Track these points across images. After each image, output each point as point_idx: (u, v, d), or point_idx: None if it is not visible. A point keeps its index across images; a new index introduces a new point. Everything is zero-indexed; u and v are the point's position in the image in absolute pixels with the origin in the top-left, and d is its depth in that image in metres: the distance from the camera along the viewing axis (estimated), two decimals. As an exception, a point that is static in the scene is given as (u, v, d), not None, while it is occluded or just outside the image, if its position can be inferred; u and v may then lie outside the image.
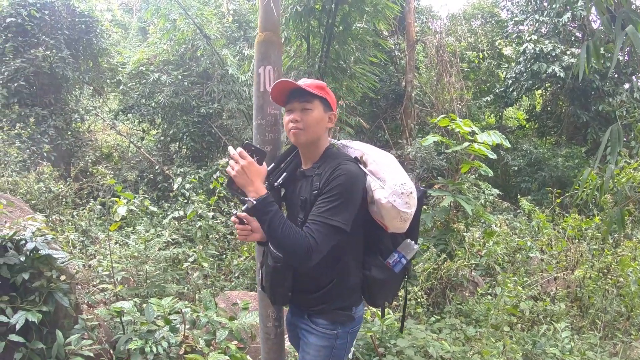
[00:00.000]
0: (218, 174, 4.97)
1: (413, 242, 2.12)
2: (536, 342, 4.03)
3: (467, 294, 5.24)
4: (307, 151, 2.11)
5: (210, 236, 5.14)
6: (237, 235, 2.12)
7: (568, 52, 11.69)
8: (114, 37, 14.15)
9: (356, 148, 2.15)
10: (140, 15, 15.78)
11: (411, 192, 1.94)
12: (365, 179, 2.01)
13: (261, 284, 2.16)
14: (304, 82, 2.05)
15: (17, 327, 3.07)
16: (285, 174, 2.15)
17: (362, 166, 2.04)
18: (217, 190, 4.81)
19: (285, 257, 1.91)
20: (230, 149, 1.89)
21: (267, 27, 2.29)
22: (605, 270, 5.18)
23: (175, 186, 4.75)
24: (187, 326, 3.57)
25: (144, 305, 3.70)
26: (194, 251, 4.52)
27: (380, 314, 2.50)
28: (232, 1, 11.76)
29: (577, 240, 6.07)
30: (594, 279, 5.11)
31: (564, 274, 5.46)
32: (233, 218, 2.08)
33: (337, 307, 2.04)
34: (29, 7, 9.40)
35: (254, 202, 1.82)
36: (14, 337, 3.07)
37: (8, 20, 9.17)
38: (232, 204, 6.92)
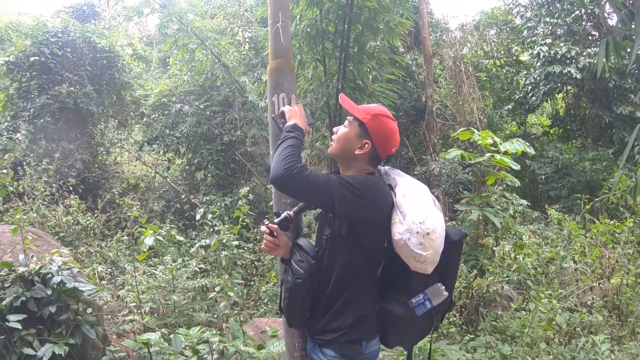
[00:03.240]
0: (241, 202, 4.97)
1: (444, 287, 1.98)
2: (575, 357, 3.85)
3: (499, 312, 5.06)
4: (342, 168, 2.12)
5: (239, 262, 5.12)
6: (263, 246, 2.08)
7: (584, 53, 11.47)
8: (136, 70, 14.50)
9: (392, 176, 2.11)
10: (161, 47, 16.17)
11: (428, 233, 1.82)
12: (391, 202, 1.96)
13: (280, 305, 2.11)
14: (367, 105, 2.09)
15: (45, 359, 3.10)
16: None
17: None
18: (240, 219, 4.80)
19: (273, 166, 1.91)
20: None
21: (278, 55, 2.29)
22: (643, 276, 4.96)
23: (198, 217, 4.76)
24: (215, 356, 3.53)
25: (172, 336, 3.69)
26: (220, 281, 4.50)
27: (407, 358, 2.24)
28: (247, 29, 11.98)
29: (610, 246, 5.85)
30: (631, 286, 4.89)
31: (599, 283, 5.24)
32: (263, 227, 2.05)
33: (346, 340, 1.95)
34: (51, 46, 9.70)
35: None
36: None
37: (32, 59, 9.46)
38: (257, 230, 6.91)
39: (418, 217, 1.85)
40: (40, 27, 10.20)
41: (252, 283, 6.09)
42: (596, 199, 7.28)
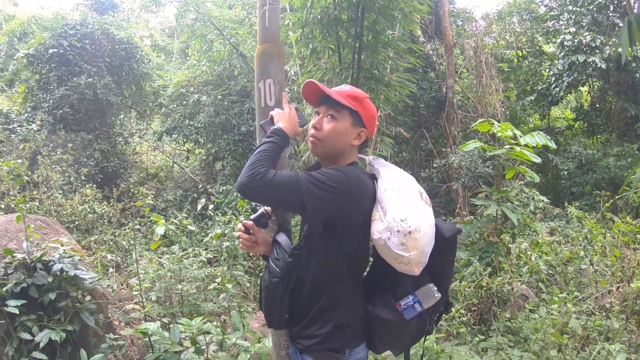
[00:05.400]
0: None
1: (436, 288, 1.80)
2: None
3: (507, 314, 4.87)
4: (326, 164, 1.90)
5: (241, 253, 5.04)
6: (240, 245, 1.96)
7: (610, 43, 11.05)
8: (157, 61, 14.61)
9: (376, 167, 1.91)
10: (181, 38, 16.29)
11: (410, 232, 1.63)
12: (373, 196, 1.79)
13: (260, 303, 2.00)
14: (340, 89, 1.88)
15: (41, 345, 3.15)
16: None
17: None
18: (244, 209, 4.74)
19: (240, 175, 1.74)
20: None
21: (265, 39, 2.17)
22: (664, 281, 4.69)
23: (199, 207, 4.71)
24: (215, 347, 3.47)
25: (171, 326, 3.65)
26: (220, 272, 4.44)
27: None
28: (266, 18, 11.86)
29: (633, 247, 5.58)
30: (652, 291, 4.64)
31: (618, 287, 5.00)
32: (239, 226, 1.93)
33: (326, 348, 1.80)
34: (70, 38, 9.87)
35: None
36: (37, 355, 3.16)
37: (51, 51, 9.64)
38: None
39: (399, 213, 1.66)
40: (59, 20, 10.38)
41: (260, 273, 6.02)
42: (616, 197, 7.00)
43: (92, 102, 10.01)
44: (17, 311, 3.14)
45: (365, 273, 1.96)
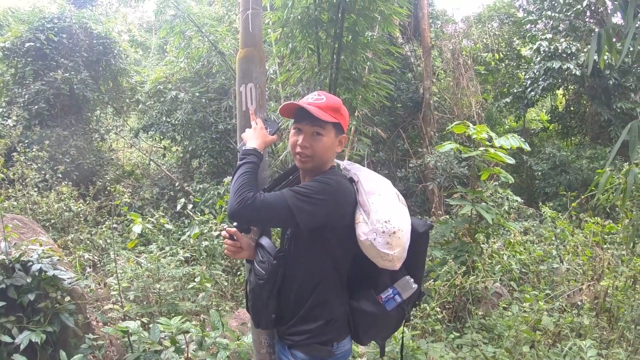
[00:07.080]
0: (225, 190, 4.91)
1: (412, 280, 1.94)
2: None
3: (480, 312, 5.00)
4: (310, 173, 1.98)
5: (219, 251, 5.05)
6: (225, 250, 2.05)
7: (585, 50, 11.36)
8: (135, 56, 14.41)
9: (353, 171, 2.01)
10: (159, 34, 16.09)
11: (395, 232, 1.76)
12: (354, 199, 1.89)
13: (247, 306, 2.06)
14: (317, 102, 1.90)
15: (22, 347, 3.10)
16: None
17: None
18: (223, 209, 4.75)
19: (229, 203, 1.81)
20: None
21: (247, 43, 2.21)
22: (633, 279, 4.88)
23: (179, 207, 4.71)
24: (194, 347, 3.50)
25: (151, 325, 3.65)
26: (198, 271, 4.45)
27: (379, 351, 2.25)
28: (245, 16, 11.80)
29: (603, 247, 5.77)
30: (622, 289, 4.82)
31: (588, 285, 5.18)
32: (223, 232, 2.02)
33: (315, 342, 1.90)
34: (47, 32, 9.63)
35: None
36: (17, 357, 3.09)
37: (27, 45, 9.40)
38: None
39: (383, 215, 1.78)
40: (37, 13, 10.15)
41: (239, 273, 6.03)
42: (582, 197, 7.22)
43: (68, 98, 9.81)
44: (-5, 312, 3.10)
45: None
